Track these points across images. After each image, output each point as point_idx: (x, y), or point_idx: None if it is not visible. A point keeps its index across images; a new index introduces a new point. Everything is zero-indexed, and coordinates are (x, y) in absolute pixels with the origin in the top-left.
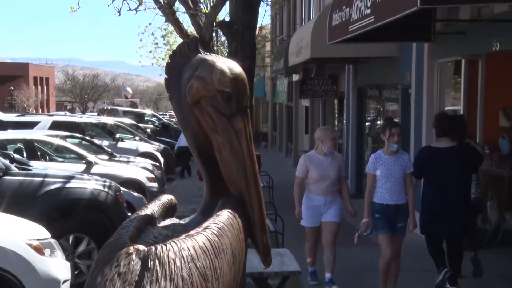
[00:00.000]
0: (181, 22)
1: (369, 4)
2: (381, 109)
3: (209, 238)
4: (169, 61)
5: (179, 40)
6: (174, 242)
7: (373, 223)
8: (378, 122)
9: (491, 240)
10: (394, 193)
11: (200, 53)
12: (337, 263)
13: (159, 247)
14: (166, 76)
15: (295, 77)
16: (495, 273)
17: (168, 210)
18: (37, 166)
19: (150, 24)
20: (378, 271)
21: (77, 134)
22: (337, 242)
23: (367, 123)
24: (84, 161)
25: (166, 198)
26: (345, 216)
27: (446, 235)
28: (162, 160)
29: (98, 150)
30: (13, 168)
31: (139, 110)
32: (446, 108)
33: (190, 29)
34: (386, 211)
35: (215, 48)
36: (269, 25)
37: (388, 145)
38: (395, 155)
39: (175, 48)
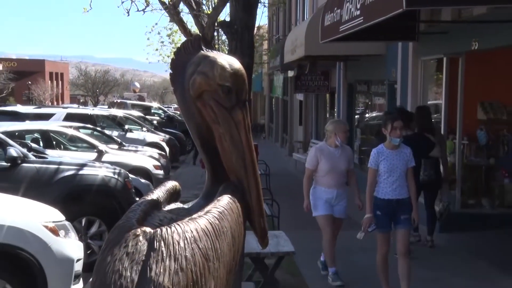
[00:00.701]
0: (185, 22)
1: (358, 6)
2: (369, 103)
3: (210, 221)
4: (174, 58)
5: (183, 39)
6: (178, 224)
7: (374, 219)
8: (367, 115)
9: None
10: (396, 187)
11: (203, 50)
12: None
13: (164, 229)
14: (171, 72)
15: (290, 73)
16: (468, 252)
17: (173, 195)
18: (52, 154)
19: (156, 24)
20: (367, 251)
21: (89, 125)
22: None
23: (356, 116)
24: (95, 150)
25: (171, 184)
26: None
27: None
28: (167, 149)
29: (109, 140)
30: (31, 156)
31: (146, 103)
32: (428, 102)
33: (194, 28)
34: (387, 206)
35: (216, 46)
36: (266, 25)
37: (390, 139)
38: (397, 149)
39: (179, 46)
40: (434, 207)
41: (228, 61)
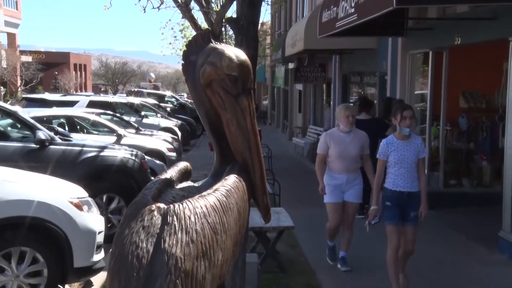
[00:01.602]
0: (196, 19)
1: (353, 4)
2: (362, 92)
3: (218, 198)
4: (186, 50)
5: (194, 33)
6: (189, 201)
7: (381, 211)
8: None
9: None
10: (408, 179)
11: (212, 43)
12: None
13: (176, 205)
14: (183, 63)
15: (291, 65)
16: (449, 227)
17: (184, 175)
18: (76, 137)
19: (170, 20)
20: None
21: (109, 112)
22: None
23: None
24: (115, 134)
25: (182, 165)
26: None
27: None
28: (179, 133)
29: (127, 125)
30: (57, 139)
31: (160, 92)
32: (415, 92)
33: (203, 24)
34: (398, 198)
35: (224, 40)
36: (269, 22)
37: (400, 130)
38: (408, 139)
39: (190, 39)
40: None
41: (235, 53)
